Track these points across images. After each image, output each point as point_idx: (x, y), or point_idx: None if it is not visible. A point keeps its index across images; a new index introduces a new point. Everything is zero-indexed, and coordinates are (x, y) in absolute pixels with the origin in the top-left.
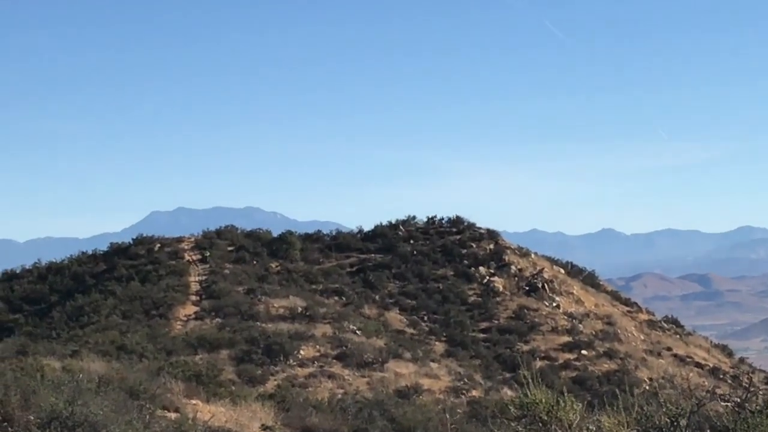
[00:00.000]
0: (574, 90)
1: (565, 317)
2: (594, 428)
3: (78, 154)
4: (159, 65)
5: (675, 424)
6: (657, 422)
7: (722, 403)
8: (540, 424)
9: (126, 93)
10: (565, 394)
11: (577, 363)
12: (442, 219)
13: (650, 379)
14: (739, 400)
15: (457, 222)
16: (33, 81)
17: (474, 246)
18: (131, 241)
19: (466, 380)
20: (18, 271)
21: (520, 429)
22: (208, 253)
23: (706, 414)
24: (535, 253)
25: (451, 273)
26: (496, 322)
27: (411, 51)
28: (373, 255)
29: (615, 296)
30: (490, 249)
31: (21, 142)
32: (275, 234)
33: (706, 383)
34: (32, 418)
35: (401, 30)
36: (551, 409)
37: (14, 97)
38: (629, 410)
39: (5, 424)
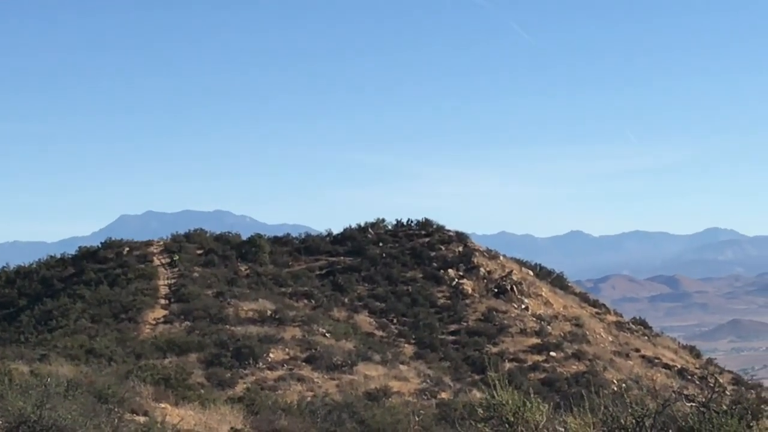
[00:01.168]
0: (541, 93)
1: (534, 319)
2: (561, 429)
3: (46, 158)
4: (128, 68)
5: (641, 424)
6: (623, 423)
7: (688, 404)
8: (507, 426)
9: (95, 95)
10: (532, 395)
11: (546, 365)
12: (411, 222)
13: (618, 380)
14: (704, 400)
15: (425, 225)
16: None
17: (443, 249)
18: (100, 245)
19: (435, 382)
20: None
21: (487, 430)
22: (176, 257)
23: (672, 414)
24: (504, 256)
25: (420, 275)
26: (465, 324)
27: (378, 55)
28: (342, 258)
29: (583, 298)
30: (458, 251)
31: None
32: (244, 237)
33: (674, 384)
34: (0, 422)
35: (368, 34)
36: (518, 410)
37: None
38: (596, 411)
39: None
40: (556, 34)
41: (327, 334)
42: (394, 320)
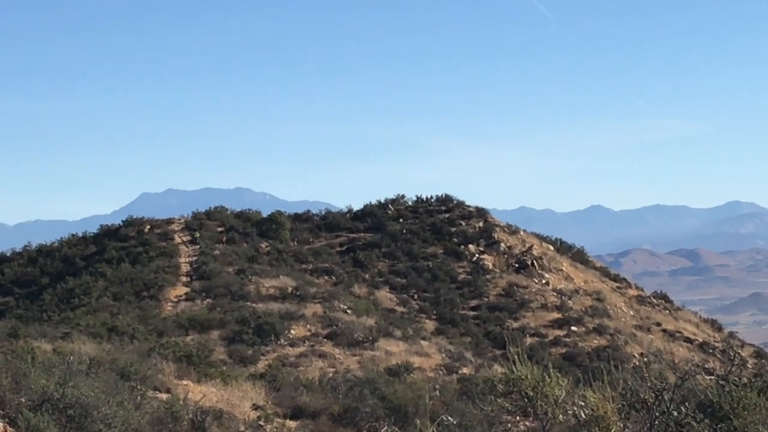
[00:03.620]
0: (561, 67)
1: (555, 294)
2: (581, 403)
3: (68, 137)
4: (149, 47)
5: (660, 398)
6: (642, 396)
7: (708, 377)
8: (526, 400)
9: (116, 74)
10: (552, 370)
11: (567, 339)
12: (431, 197)
13: (640, 355)
14: (724, 373)
15: (446, 200)
16: (23, 61)
17: (463, 224)
18: (121, 223)
19: (456, 358)
20: (8, 255)
21: (508, 405)
22: (197, 234)
23: (692, 388)
24: (524, 231)
25: (441, 251)
26: (485, 299)
27: (397, 30)
28: (362, 234)
29: (604, 272)
30: (479, 227)
31: (9, 124)
32: (265, 214)
33: (696, 358)
34: (23, 400)
35: (387, 10)
36: (537, 385)
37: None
38: (615, 385)
39: None
40: (575, 5)
41: (348, 311)
42: (415, 296)
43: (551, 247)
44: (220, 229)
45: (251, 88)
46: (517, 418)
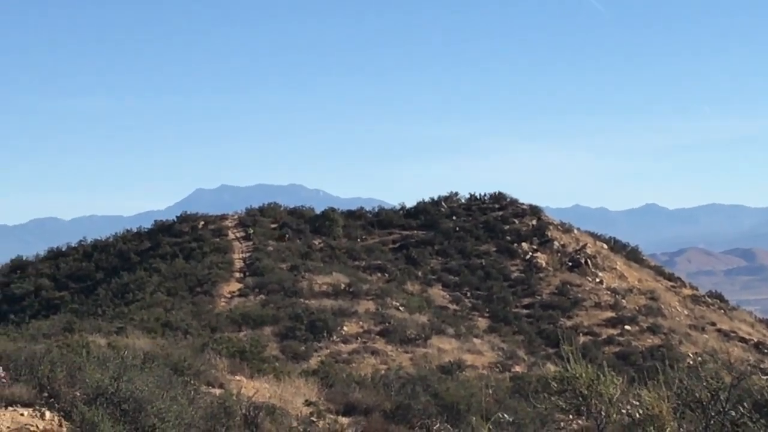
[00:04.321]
0: (617, 65)
1: (609, 292)
2: (635, 403)
3: (123, 133)
4: (203, 43)
5: (716, 398)
6: (698, 396)
7: (764, 377)
8: (581, 399)
9: (170, 70)
10: (606, 368)
11: (621, 338)
12: (485, 195)
13: (694, 354)
14: None
15: (499, 198)
16: (80, 58)
17: (516, 222)
18: (175, 219)
19: (508, 356)
20: (63, 249)
21: (561, 403)
22: (251, 231)
23: (748, 388)
24: (578, 229)
25: (494, 249)
26: (539, 297)
27: (452, 30)
28: (415, 231)
29: (658, 271)
30: (532, 225)
31: (66, 120)
32: (318, 211)
33: (750, 358)
34: (78, 394)
35: (439, 9)
36: (592, 383)
37: (60, 76)
38: (670, 385)
39: (52, 400)
40: (629, 4)
41: (400, 308)
42: (468, 294)
43: (605, 246)
44: (273, 226)
45: (306, 86)
46: (570, 416)
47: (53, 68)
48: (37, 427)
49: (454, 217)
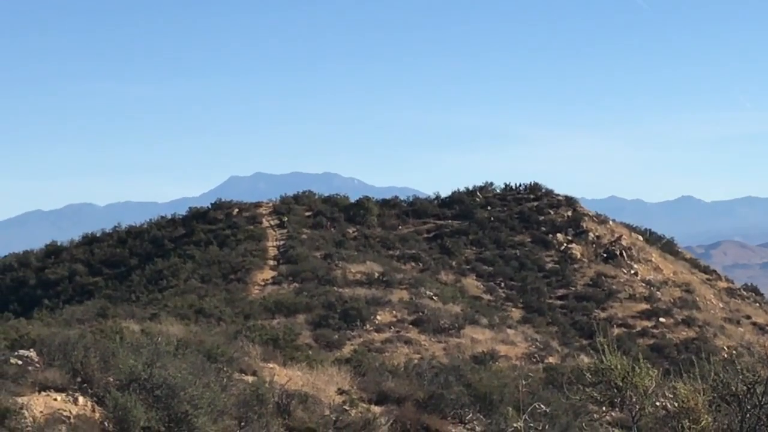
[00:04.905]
0: (654, 57)
1: (643, 284)
2: (670, 395)
3: (159, 120)
4: (241, 32)
5: (752, 391)
6: (733, 389)
7: None
8: (615, 391)
9: (207, 60)
10: (641, 360)
11: (655, 330)
12: (520, 185)
13: (729, 347)
14: None
15: (534, 189)
16: (116, 45)
17: (551, 213)
18: (210, 206)
19: (542, 347)
20: (98, 235)
21: (596, 395)
22: (285, 218)
23: None
24: (613, 221)
25: (529, 240)
26: (573, 288)
27: (489, 19)
28: (450, 221)
29: (694, 264)
30: (567, 216)
31: (103, 106)
32: (353, 199)
33: None
34: (111, 379)
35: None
36: (627, 375)
37: (99, 62)
38: (706, 378)
39: (85, 385)
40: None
41: (434, 297)
42: (502, 284)
43: (640, 238)
44: (307, 214)
45: (341, 74)
46: (604, 408)
47: (96, 53)
48: (70, 412)
49: (488, 207)
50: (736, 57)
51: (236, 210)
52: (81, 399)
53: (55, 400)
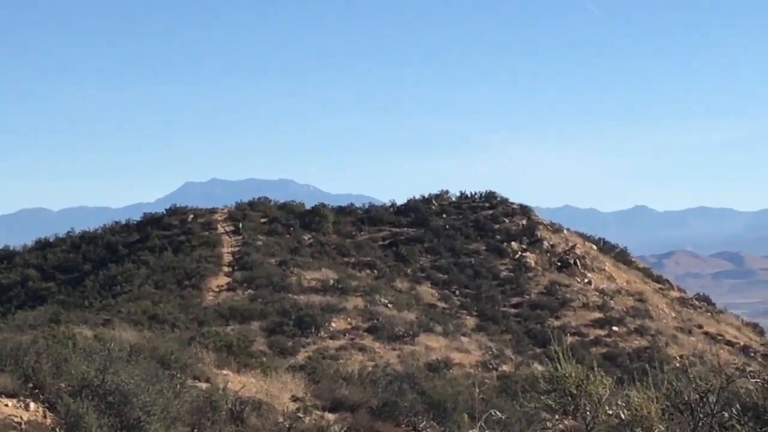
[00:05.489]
0: (609, 66)
1: (597, 293)
2: (623, 403)
3: (114, 125)
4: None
5: (704, 400)
6: (686, 398)
7: (752, 380)
8: (569, 398)
9: (163, 63)
10: (595, 369)
11: (608, 339)
12: (475, 194)
13: (681, 356)
14: None
15: (490, 197)
16: (71, 49)
17: (506, 221)
18: (165, 212)
19: (496, 355)
20: (51, 240)
21: (550, 403)
22: (241, 225)
23: (736, 391)
24: (568, 229)
25: (484, 248)
26: (527, 297)
27: (442, 24)
28: (405, 229)
29: (647, 273)
30: (522, 224)
31: (58, 111)
32: (308, 206)
33: (737, 361)
34: (63, 385)
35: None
36: (581, 383)
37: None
38: (659, 386)
39: (37, 391)
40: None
41: (389, 305)
42: (457, 292)
43: (594, 247)
44: (263, 220)
45: (298, 80)
46: (558, 416)
47: (50, 56)
48: (21, 418)
49: (444, 215)
50: (690, 68)
51: (191, 216)
52: (32, 405)
53: (6, 405)
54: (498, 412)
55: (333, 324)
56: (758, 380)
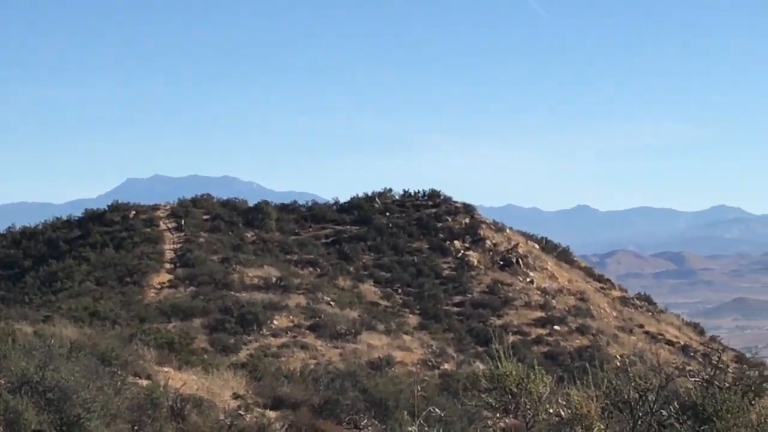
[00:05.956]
0: (551, 66)
1: (539, 292)
2: (563, 402)
3: (54, 120)
4: (137, 33)
5: (643, 398)
6: (626, 397)
7: (691, 379)
8: (510, 397)
9: (102, 58)
10: (536, 367)
11: (550, 338)
12: (419, 192)
13: (621, 355)
14: (707, 376)
15: (433, 195)
16: (12, 45)
17: (450, 220)
18: (106, 208)
19: (438, 353)
20: None
21: (490, 401)
22: (183, 221)
23: (675, 389)
24: (510, 228)
25: (426, 246)
26: (469, 296)
27: (387, 26)
28: (348, 227)
29: (588, 272)
30: (465, 223)
31: None
32: (251, 204)
33: (677, 360)
34: (2, 382)
35: (376, 5)
36: (521, 381)
37: None
38: (599, 385)
39: None
40: (570, 8)
41: (331, 303)
42: (399, 290)
43: (536, 246)
44: (205, 217)
45: (241, 78)
46: (498, 415)
47: None
48: None
49: (387, 214)
50: (634, 69)
51: (133, 212)
52: None
53: None
54: (438, 410)
55: (275, 322)
56: (697, 379)
